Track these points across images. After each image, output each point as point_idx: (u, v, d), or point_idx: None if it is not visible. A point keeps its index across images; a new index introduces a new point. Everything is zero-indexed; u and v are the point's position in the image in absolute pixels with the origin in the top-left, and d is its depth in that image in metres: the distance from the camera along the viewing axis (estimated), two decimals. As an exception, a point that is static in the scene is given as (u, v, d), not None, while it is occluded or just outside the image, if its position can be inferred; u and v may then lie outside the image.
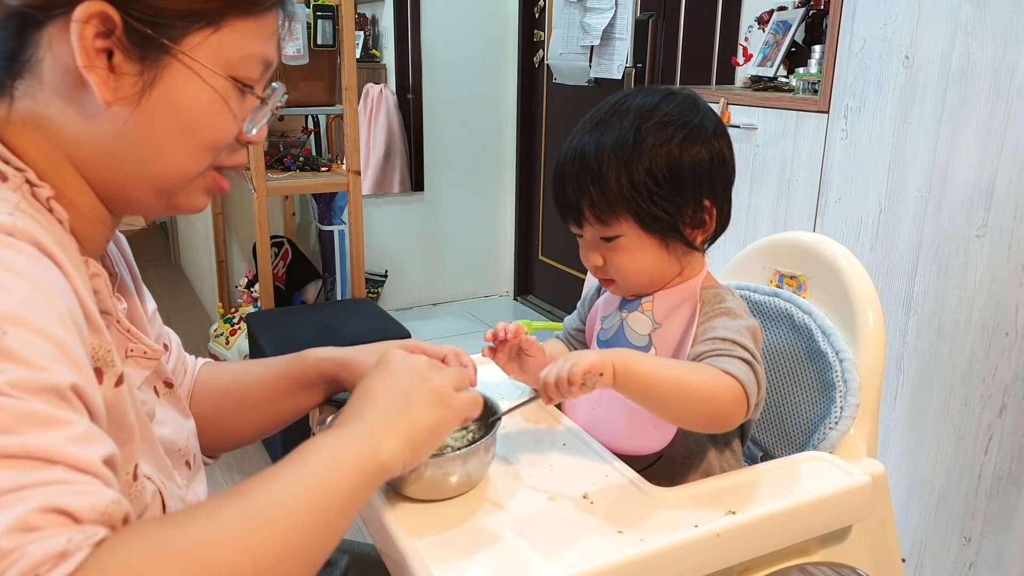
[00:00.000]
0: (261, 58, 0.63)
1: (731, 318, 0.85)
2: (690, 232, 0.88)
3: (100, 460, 0.45)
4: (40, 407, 0.44)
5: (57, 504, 0.41)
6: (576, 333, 1.05)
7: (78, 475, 0.44)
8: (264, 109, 0.66)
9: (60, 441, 0.44)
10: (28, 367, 0.44)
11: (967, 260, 1.47)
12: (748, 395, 0.79)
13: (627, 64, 2.95)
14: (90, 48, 0.55)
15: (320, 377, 0.85)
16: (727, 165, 0.89)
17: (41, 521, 0.40)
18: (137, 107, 0.58)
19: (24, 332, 0.45)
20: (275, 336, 2.34)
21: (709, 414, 0.79)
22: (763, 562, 0.78)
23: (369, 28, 3.81)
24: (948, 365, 1.52)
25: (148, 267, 4.54)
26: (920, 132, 1.53)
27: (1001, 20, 1.37)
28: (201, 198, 0.66)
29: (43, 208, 0.57)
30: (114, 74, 0.57)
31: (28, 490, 0.41)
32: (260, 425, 0.88)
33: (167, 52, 0.58)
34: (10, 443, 0.42)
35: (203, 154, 0.62)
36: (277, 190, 2.62)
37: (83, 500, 0.43)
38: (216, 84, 0.60)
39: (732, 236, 1.96)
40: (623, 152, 0.84)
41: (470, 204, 3.92)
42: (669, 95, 0.88)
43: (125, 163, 0.60)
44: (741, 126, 1.94)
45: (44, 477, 0.42)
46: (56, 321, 0.48)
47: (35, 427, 0.43)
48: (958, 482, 1.54)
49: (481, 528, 0.72)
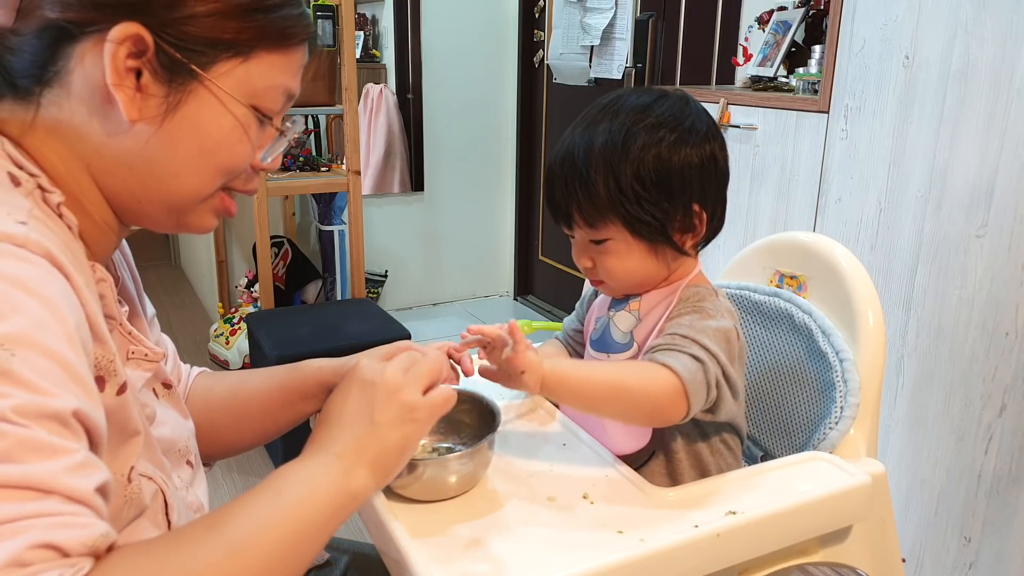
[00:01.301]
0: (284, 90, 0.64)
1: (700, 316, 0.84)
2: (679, 237, 0.87)
3: (93, 490, 0.47)
4: (42, 435, 0.45)
5: (49, 540, 0.43)
6: (574, 334, 1.05)
7: (72, 506, 0.45)
8: (282, 140, 0.67)
9: (58, 471, 0.45)
10: (33, 392, 0.46)
11: (967, 260, 1.47)
12: (687, 390, 0.77)
13: (627, 64, 2.95)
14: (121, 67, 0.56)
15: (320, 386, 0.86)
16: (719, 168, 0.87)
17: (33, 557, 0.42)
18: (160, 127, 0.59)
19: (32, 354, 0.46)
20: (275, 336, 2.34)
21: (644, 410, 0.79)
22: (763, 562, 0.78)
23: (369, 28, 3.81)
24: (948, 365, 1.52)
25: (148, 267, 4.54)
26: (920, 132, 1.53)
27: (1001, 20, 1.37)
28: (210, 219, 0.67)
29: (53, 214, 0.58)
30: (141, 93, 0.58)
31: (24, 522, 0.43)
32: (257, 434, 0.88)
33: (194, 77, 0.59)
34: (11, 472, 0.43)
35: (217, 177, 0.64)
36: (277, 190, 2.62)
37: (73, 534, 0.44)
38: (238, 112, 0.62)
39: (732, 236, 1.96)
40: (611, 155, 0.83)
41: (470, 204, 3.92)
42: (662, 96, 0.88)
43: (142, 179, 0.62)
44: (741, 126, 1.94)
45: (39, 508, 0.44)
46: (65, 341, 0.49)
47: (36, 456, 0.44)
48: (958, 482, 1.54)
49: (481, 528, 0.72)
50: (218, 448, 0.86)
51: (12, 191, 0.56)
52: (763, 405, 1.05)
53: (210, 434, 0.84)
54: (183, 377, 0.87)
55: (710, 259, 0.94)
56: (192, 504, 0.71)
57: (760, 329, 1.06)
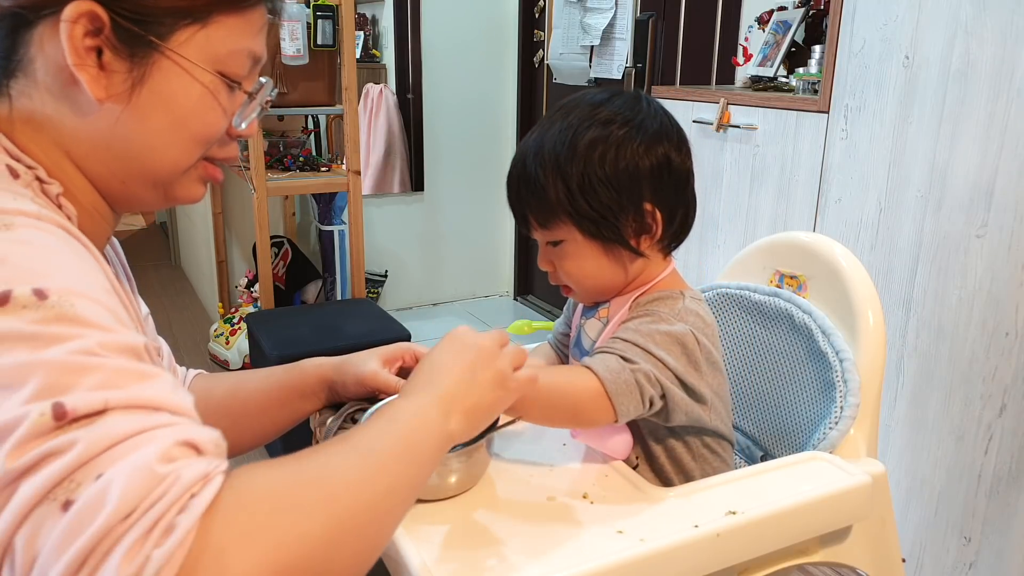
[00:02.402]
0: (248, 53, 0.64)
1: (651, 320, 0.83)
2: (634, 238, 0.85)
3: (191, 405, 0.49)
4: (132, 364, 0.47)
5: (186, 437, 0.45)
6: (562, 338, 1.05)
7: (181, 419, 0.47)
8: (252, 104, 0.67)
9: (158, 390, 0.47)
10: (106, 331, 0.48)
11: (967, 260, 1.47)
12: (608, 391, 0.76)
13: (627, 64, 2.95)
14: (80, 47, 0.56)
15: (320, 384, 0.86)
16: (673, 167, 0.85)
17: (178, 452, 0.44)
18: (129, 103, 0.59)
19: (87, 302, 0.48)
20: (275, 336, 2.34)
21: (563, 412, 0.78)
22: (763, 562, 0.78)
23: (369, 28, 3.81)
24: (948, 365, 1.52)
25: (148, 267, 4.54)
26: (920, 132, 1.53)
27: (1001, 20, 1.37)
28: (197, 188, 0.68)
29: (52, 205, 0.58)
30: (104, 71, 0.58)
31: (156, 430, 0.45)
32: (257, 434, 0.88)
33: (155, 49, 0.59)
34: (119, 396, 0.45)
35: (194, 147, 0.64)
36: (277, 190, 2.62)
37: (202, 433, 0.47)
38: (204, 80, 0.61)
39: (732, 236, 1.96)
40: (559, 153, 0.83)
41: (470, 204, 3.92)
42: (616, 94, 0.87)
43: (121, 159, 0.62)
44: (741, 126, 1.94)
45: (160, 420, 0.45)
46: (105, 294, 0.51)
47: (135, 380, 0.46)
48: (958, 482, 1.54)
49: (481, 528, 0.72)
50: None
51: (12, 183, 0.56)
52: (763, 405, 1.05)
53: None
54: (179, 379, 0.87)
55: (710, 259, 0.94)
56: None
57: (760, 329, 1.06)
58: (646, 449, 0.89)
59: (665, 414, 0.82)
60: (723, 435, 0.91)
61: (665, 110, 0.88)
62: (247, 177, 2.51)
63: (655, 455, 0.89)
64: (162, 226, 5.00)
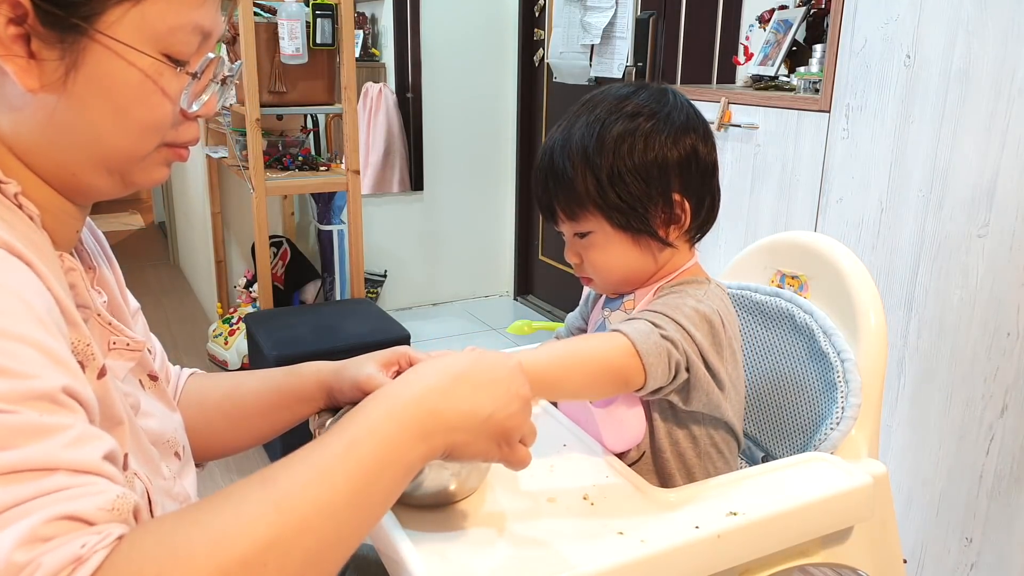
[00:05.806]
0: (194, 28, 0.59)
1: (678, 296, 0.84)
2: (663, 228, 0.87)
3: (100, 457, 0.46)
4: (33, 417, 0.44)
5: (65, 511, 0.42)
6: (576, 332, 1.04)
7: (80, 478, 0.44)
8: (201, 83, 0.62)
9: (57, 448, 0.44)
10: (14, 377, 0.44)
11: (968, 260, 1.46)
12: (639, 350, 0.76)
13: (627, 63, 2.94)
14: (3, 36, 0.53)
15: (318, 389, 0.85)
16: (700, 158, 0.87)
17: (52, 530, 0.41)
18: (64, 92, 0.56)
19: (7, 342, 0.45)
20: (274, 336, 2.34)
21: (604, 376, 0.77)
22: (764, 563, 0.78)
23: (368, 27, 3.80)
24: (949, 365, 1.52)
25: (147, 267, 4.54)
26: (921, 131, 1.53)
27: (1002, 19, 1.37)
28: (159, 171, 0.64)
29: (12, 205, 0.56)
30: (35, 60, 0.55)
31: (33, 501, 0.41)
32: (254, 436, 0.87)
33: (83, 33, 0.55)
34: (8, 458, 0.42)
35: (145, 135, 0.60)
36: (276, 190, 2.62)
37: (89, 502, 0.43)
38: (142, 64, 0.57)
39: (733, 236, 1.96)
40: (587, 146, 0.84)
41: (470, 204, 3.92)
42: (642, 87, 0.88)
43: (66, 150, 0.59)
44: (742, 125, 1.94)
45: (46, 486, 0.42)
46: (36, 326, 0.48)
47: (30, 438, 0.43)
48: (959, 483, 1.53)
49: (481, 529, 0.72)
50: (213, 449, 0.86)
51: None
52: (764, 405, 1.04)
53: (205, 435, 0.84)
54: (172, 378, 0.86)
55: (710, 259, 0.93)
56: (178, 495, 0.70)
57: (761, 329, 1.06)
58: (653, 443, 0.88)
59: (686, 393, 0.82)
60: (733, 431, 0.91)
61: (691, 103, 0.89)
62: (246, 176, 2.51)
63: (660, 449, 0.88)
64: (160, 226, 4.99)
